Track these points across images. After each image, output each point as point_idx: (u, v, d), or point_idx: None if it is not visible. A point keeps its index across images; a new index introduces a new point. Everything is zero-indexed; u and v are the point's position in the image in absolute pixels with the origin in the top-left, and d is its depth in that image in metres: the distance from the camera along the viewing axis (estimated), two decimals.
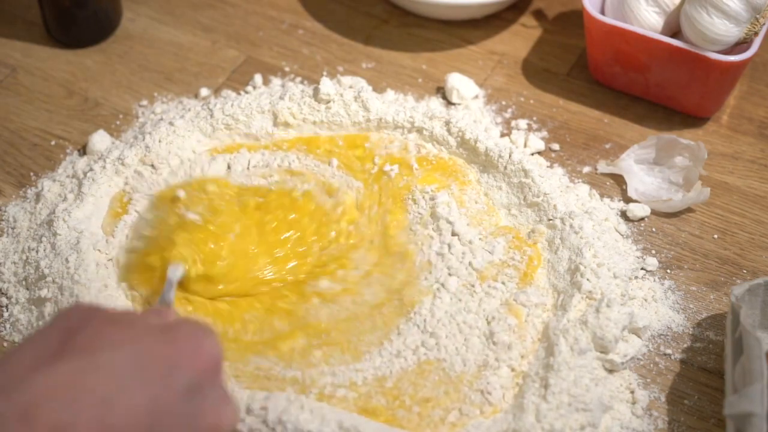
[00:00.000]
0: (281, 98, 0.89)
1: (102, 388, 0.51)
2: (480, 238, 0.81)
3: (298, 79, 0.98)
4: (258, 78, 0.98)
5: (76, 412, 0.49)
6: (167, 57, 1.01)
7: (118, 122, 0.94)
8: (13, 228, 0.85)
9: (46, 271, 0.79)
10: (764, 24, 0.87)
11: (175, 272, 0.74)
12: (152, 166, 0.85)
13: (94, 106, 0.96)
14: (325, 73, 0.99)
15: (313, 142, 0.88)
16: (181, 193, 0.81)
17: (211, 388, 0.55)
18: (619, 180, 0.89)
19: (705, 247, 0.85)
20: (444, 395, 0.72)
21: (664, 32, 0.91)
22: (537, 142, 0.91)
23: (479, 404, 0.71)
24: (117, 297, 0.77)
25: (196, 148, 0.88)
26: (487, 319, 0.76)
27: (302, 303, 0.77)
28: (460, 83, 0.95)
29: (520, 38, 1.03)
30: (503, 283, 0.78)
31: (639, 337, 0.77)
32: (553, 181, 0.85)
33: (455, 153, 0.87)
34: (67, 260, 0.78)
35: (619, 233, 0.85)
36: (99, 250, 0.80)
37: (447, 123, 0.88)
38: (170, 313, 0.61)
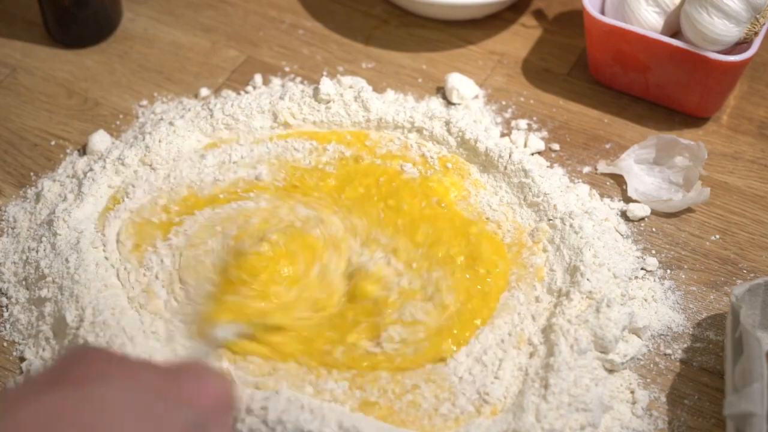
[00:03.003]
0: (281, 98, 0.89)
1: (89, 419, 0.48)
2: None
3: (298, 79, 0.98)
4: (258, 78, 0.98)
5: None
6: (167, 57, 1.01)
7: (118, 122, 0.94)
8: (13, 228, 0.85)
9: (46, 271, 0.79)
10: (764, 24, 0.87)
11: (226, 331, 0.71)
12: (150, 166, 0.85)
13: (94, 106, 0.96)
14: (325, 73, 0.99)
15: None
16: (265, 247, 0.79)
17: (216, 428, 0.51)
18: (619, 180, 0.89)
19: (705, 247, 0.85)
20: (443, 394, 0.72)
21: (664, 32, 0.91)
22: (537, 142, 0.91)
23: (478, 405, 0.71)
24: (117, 296, 0.77)
25: (197, 147, 0.88)
26: None
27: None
28: (460, 83, 0.95)
29: (520, 38, 1.03)
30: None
31: (639, 337, 0.77)
32: (553, 181, 0.85)
33: (455, 153, 0.87)
34: (67, 260, 0.78)
35: (619, 233, 0.85)
36: (96, 247, 0.80)
37: (447, 123, 0.88)
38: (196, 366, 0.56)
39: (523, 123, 0.94)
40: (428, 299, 0.77)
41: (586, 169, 0.90)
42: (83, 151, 0.91)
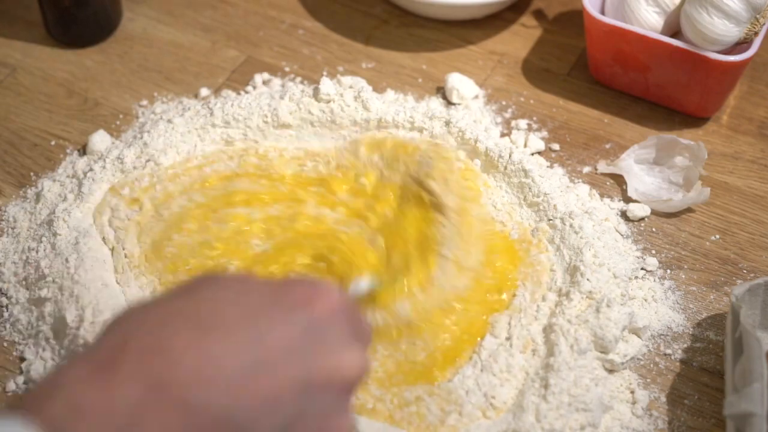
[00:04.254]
0: (281, 98, 0.89)
1: (199, 317, 0.47)
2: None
3: (298, 79, 0.98)
4: (258, 78, 0.98)
5: (168, 337, 0.46)
6: (167, 57, 1.01)
7: (118, 122, 0.94)
8: (13, 228, 0.85)
9: (46, 271, 0.79)
10: (764, 24, 0.87)
11: (360, 286, 0.67)
12: (149, 161, 0.86)
13: (94, 106, 0.96)
14: (325, 73, 0.99)
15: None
16: None
17: (331, 330, 0.50)
18: (619, 180, 0.89)
19: (705, 247, 0.85)
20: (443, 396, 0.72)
21: (664, 32, 0.91)
22: (537, 142, 0.91)
23: (484, 409, 0.71)
24: (116, 296, 0.77)
25: (199, 144, 0.87)
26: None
27: None
28: (460, 83, 0.95)
29: (520, 38, 1.03)
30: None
31: (639, 337, 0.77)
32: (553, 181, 0.85)
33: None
34: (67, 260, 0.78)
35: (619, 233, 0.85)
36: (95, 248, 0.80)
37: (447, 123, 0.88)
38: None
39: (523, 123, 0.94)
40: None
41: (586, 169, 0.90)
42: (83, 151, 0.91)
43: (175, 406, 0.45)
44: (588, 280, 0.76)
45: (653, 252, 0.84)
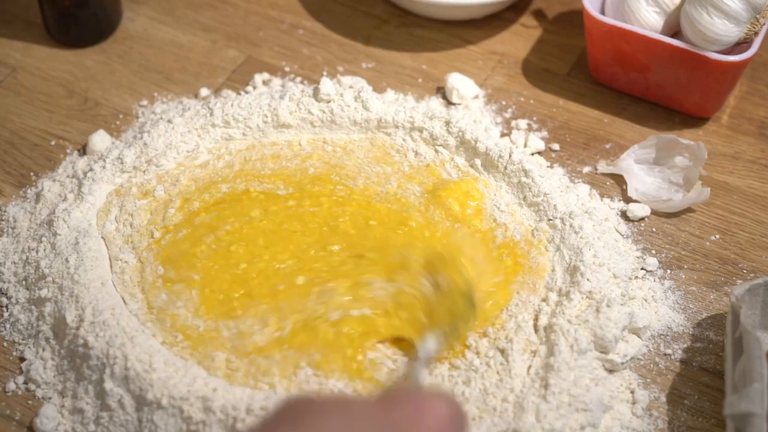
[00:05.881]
0: (281, 98, 0.89)
1: None
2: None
3: (298, 79, 0.98)
4: (258, 78, 0.98)
5: None
6: (167, 57, 1.01)
7: (118, 122, 0.94)
8: (13, 228, 0.85)
9: (46, 271, 0.79)
10: (764, 24, 0.87)
11: (429, 347, 0.67)
12: (148, 162, 0.86)
13: (94, 106, 0.96)
14: (325, 73, 0.99)
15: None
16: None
17: None
18: (619, 180, 0.89)
19: (705, 247, 0.85)
20: None
21: (664, 32, 0.91)
22: (537, 142, 0.91)
23: (483, 409, 0.71)
24: (115, 296, 0.77)
25: (200, 143, 0.88)
26: None
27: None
28: (460, 83, 0.95)
29: (520, 38, 1.03)
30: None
31: (639, 337, 0.77)
32: (553, 181, 0.85)
33: (455, 153, 0.87)
34: (67, 260, 0.78)
35: (619, 233, 0.85)
36: (95, 248, 0.80)
37: (447, 123, 0.88)
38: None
39: (523, 123, 0.94)
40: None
41: (586, 169, 0.90)
42: (83, 151, 0.91)
43: None
44: (588, 280, 0.76)
45: (653, 252, 0.84)
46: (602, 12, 0.95)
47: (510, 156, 0.85)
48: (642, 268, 0.83)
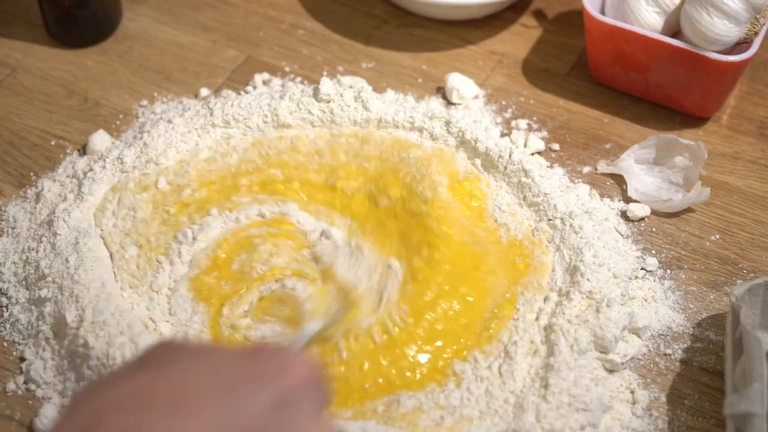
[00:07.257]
0: (281, 98, 0.89)
1: (172, 395, 0.46)
2: None
3: (298, 79, 0.98)
4: (258, 78, 0.98)
5: (142, 417, 0.45)
6: (167, 57, 1.01)
7: (118, 122, 0.94)
8: (13, 228, 0.85)
9: (46, 271, 0.79)
10: (764, 24, 0.87)
11: (312, 326, 0.69)
12: (148, 162, 0.86)
13: (94, 106, 0.96)
14: (325, 73, 0.99)
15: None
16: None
17: (301, 403, 0.49)
18: (619, 180, 0.89)
19: (705, 247, 0.85)
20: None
21: (664, 32, 0.91)
22: (537, 142, 0.91)
23: (485, 411, 0.71)
24: (116, 296, 0.77)
25: (200, 143, 0.87)
26: None
27: None
28: (460, 83, 0.95)
29: (520, 38, 1.03)
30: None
31: (639, 337, 0.77)
32: (553, 181, 0.85)
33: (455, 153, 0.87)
34: (67, 260, 0.78)
35: (619, 233, 0.85)
36: (95, 248, 0.80)
37: (447, 123, 0.88)
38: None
39: (523, 123, 0.94)
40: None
41: (586, 169, 0.90)
42: (83, 151, 0.91)
43: None
44: (588, 280, 0.76)
45: (653, 252, 0.84)
46: (602, 12, 0.95)
47: (510, 156, 0.85)
48: (642, 268, 0.83)
